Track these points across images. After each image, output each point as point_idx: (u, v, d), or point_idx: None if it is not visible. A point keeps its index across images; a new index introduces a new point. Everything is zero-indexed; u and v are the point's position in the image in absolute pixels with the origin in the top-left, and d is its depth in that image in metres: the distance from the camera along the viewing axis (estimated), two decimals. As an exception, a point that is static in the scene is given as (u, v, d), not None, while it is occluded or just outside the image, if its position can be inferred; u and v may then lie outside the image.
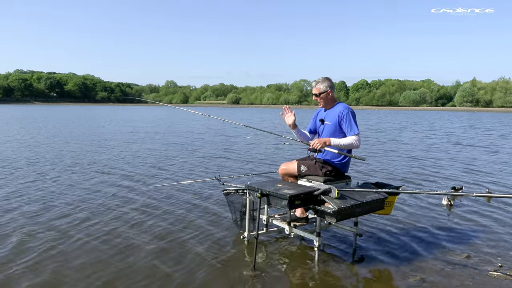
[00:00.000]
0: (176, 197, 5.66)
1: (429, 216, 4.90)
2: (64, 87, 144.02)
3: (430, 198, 5.75)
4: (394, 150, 12.05)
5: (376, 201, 3.38)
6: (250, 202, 3.81)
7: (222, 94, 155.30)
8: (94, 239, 3.92)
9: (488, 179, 7.44)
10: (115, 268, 3.29)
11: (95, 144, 12.76)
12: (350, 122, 3.65)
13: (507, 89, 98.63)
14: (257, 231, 3.41)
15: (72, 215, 4.72)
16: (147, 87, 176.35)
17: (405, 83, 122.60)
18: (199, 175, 7.49)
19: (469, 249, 3.84)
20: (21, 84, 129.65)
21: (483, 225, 4.60)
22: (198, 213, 4.86)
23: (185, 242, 3.90)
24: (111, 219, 4.57)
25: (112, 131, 18.44)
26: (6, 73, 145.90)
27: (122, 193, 5.86)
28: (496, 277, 3.22)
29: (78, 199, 5.49)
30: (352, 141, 3.62)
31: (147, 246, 3.77)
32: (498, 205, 5.44)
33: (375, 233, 4.26)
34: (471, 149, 12.56)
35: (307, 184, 3.70)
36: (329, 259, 3.56)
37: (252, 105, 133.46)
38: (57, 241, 3.86)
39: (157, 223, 4.48)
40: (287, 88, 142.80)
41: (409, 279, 3.17)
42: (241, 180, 6.38)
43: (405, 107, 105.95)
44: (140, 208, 5.05)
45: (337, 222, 3.20)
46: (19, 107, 70.52)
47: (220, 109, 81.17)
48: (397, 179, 7.24)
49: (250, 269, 3.30)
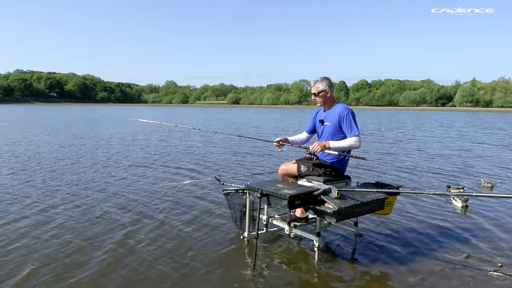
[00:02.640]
0: (176, 197, 5.66)
1: (429, 216, 4.90)
2: (64, 87, 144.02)
3: (430, 198, 5.75)
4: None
5: (376, 201, 3.38)
6: (250, 202, 3.81)
7: (222, 94, 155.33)
8: (93, 239, 3.93)
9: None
10: (114, 267, 3.29)
11: (95, 144, 12.75)
12: (350, 123, 3.65)
13: (507, 89, 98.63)
14: (257, 231, 3.41)
15: (73, 215, 4.73)
16: (147, 87, 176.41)
17: (405, 83, 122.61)
18: (199, 175, 7.49)
19: (469, 249, 3.84)
20: (21, 84, 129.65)
21: (483, 225, 4.60)
22: (198, 213, 4.86)
23: (185, 242, 3.90)
24: (111, 219, 4.57)
25: (111, 132, 18.42)
26: (6, 73, 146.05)
27: (122, 194, 5.86)
28: (496, 277, 3.21)
29: (79, 196, 5.50)
30: (352, 142, 3.62)
31: (146, 246, 3.76)
32: (498, 205, 5.44)
33: (375, 233, 4.26)
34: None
35: (307, 184, 3.70)
36: (329, 259, 3.56)
37: (252, 105, 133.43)
38: (61, 246, 3.86)
39: (157, 223, 4.47)
40: (287, 88, 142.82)
41: (409, 279, 3.17)
42: (241, 180, 6.38)
43: (405, 107, 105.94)
44: (140, 208, 5.04)
45: (337, 222, 3.20)
46: (19, 107, 70.47)
47: (220, 109, 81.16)
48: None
49: (250, 269, 3.30)
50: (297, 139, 4.16)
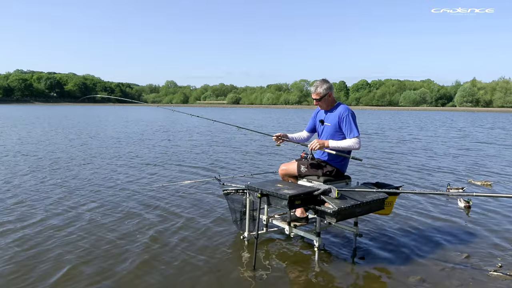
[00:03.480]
0: (176, 197, 5.66)
1: (429, 216, 4.90)
2: (64, 87, 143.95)
3: (430, 198, 5.75)
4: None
5: (376, 201, 3.38)
6: (250, 202, 3.81)
7: (222, 94, 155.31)
8: (91, 238, 3.93)
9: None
10: (113, 267, 3.29)
11: (96, 144, 12.75)
12: (350, 125, 3.65)
13: (507, 89, 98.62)
14: (257, 231, 3.41)
15: (73, 215, 4.73)
16: (147, 87, 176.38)
17: (405, 83, 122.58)
18: (199, 175, 7.49)
19: (469, 249, 3.84)
20: (21, 84, 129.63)
21: (483, 225, 4.60)
22: (198, 213, 4.86)
23: (185, 242, 3.90)
24: (111, 219, 4.57)
25: (110, 132, 18.43)
26: (6, 73, 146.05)
27: (122, 194, 5.86)
28: (496, 277, 3.21)
29: (77, 198, 5.50)
30: (351, 143, 3.63)
31: (146, 246, 3.76)
32: (498, 204, 5.44)
33: (375, 233, 4.26)
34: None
35: (307, 184, 3.70)
36: (329, 259, 3.56)
37: (252, 105, 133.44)
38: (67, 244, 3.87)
39: (157, 223, 4.47)
40: (287, 88, 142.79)
41: (409, 279, 3.17)
42: (241, 180, 6.38)
43: (405, 107, 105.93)
44: (140, 208, 5.05)
45: (337, 222, 3.20)
46: (20, 107, 70.45)
47: (220, 109, 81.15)
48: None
49: (250, 269, 3.30)
50: (297, 136, 4.16)
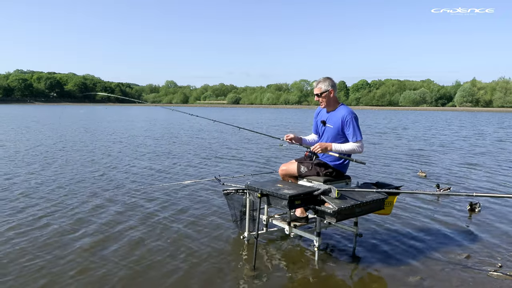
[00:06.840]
0: (176, 197, 5.66)
1: (429, 216, 4.90)
2: (64, 87, 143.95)
3: (430, 198, 5.75)
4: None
5: (376, 201, 3.38)
6: (250, 202, 3.81)
7: (222, 94, 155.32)
8: (90, 238, 3.93)
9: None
10: (112, 266, 3.29)
11: (96, 143, 12.75)
12: (354, 128, 3.62)
13: (507, 89, 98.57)
14: (257, 231, 3.41)
15: (73, 216, 4.73)
16: (147, 87, 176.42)
17: (405, 83, 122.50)
18: (199, 175, 7.49)
19: (469, 249, 3.84)
20: (21, 84, 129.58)
21: (483, 225, 4.60)
22: (198, 213, 4.86)
23: (185, 242, 3.90)
24: (110, 219, 4.57)
25: (112, 131, 18.42)
26: (6, 73, 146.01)
27: (122, 194, 5.86)
28: (496, 277, 3.21)
29: (78, 198, 5.50)
30: (354, 147, 3.61)
31: (146, 246, 3.77)
32: (498, 205, 5.44)
33: (375, 233, 4.26)
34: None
35: (307, 184, 3.70)
36: (329, 259, 3.57)
37: (252, 105, 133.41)
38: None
39: (157, 223, 4.47)
40: (287, 88, 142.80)
41: (409, 279, 3.17)
42: (241, 180, 6.38)
43: (405, 107, 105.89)
44: (140, 209, 5.05)
45: (337, 222, 3.20)
46: (20, 107, 70.44)
47: (220, 109, 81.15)
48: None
49: (250, 269, 3.30)
50: (310, 139, 4.10)
